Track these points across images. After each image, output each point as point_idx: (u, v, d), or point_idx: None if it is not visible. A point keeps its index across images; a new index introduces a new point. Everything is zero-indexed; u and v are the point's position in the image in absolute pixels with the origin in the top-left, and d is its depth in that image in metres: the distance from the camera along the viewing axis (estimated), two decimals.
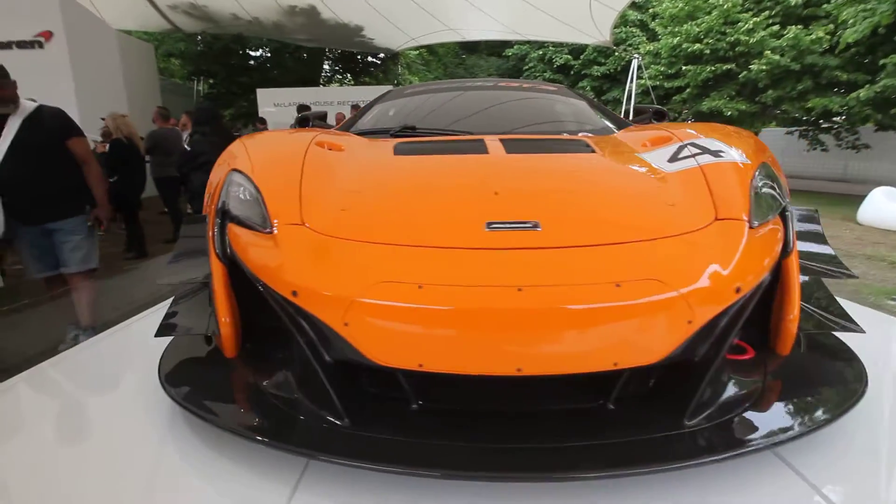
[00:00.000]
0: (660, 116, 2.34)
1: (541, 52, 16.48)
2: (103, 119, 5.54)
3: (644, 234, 0.94)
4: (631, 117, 2.55)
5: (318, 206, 1.07)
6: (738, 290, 0.86)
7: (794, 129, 11.86)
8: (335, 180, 1.20)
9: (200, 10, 11.07)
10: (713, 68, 10.97)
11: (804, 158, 12.04)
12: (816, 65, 9.65)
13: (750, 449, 0.80)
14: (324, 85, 16.77)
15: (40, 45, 8.39)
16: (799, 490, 0.80)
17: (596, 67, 15.23)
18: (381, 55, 15.54)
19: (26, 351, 2.16)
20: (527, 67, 17.23)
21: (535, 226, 0.93)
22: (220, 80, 13.76)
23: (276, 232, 1.00)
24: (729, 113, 10.96)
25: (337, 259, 0.93)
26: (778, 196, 1.15)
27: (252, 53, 15.22)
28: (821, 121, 10.95)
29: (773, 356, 1.05)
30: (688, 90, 11.88)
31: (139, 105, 9.60)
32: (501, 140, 1.48)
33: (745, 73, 10.58)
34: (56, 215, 2.32)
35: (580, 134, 1.77)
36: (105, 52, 9.51)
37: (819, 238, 1.29)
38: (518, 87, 2.43)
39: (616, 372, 0.85)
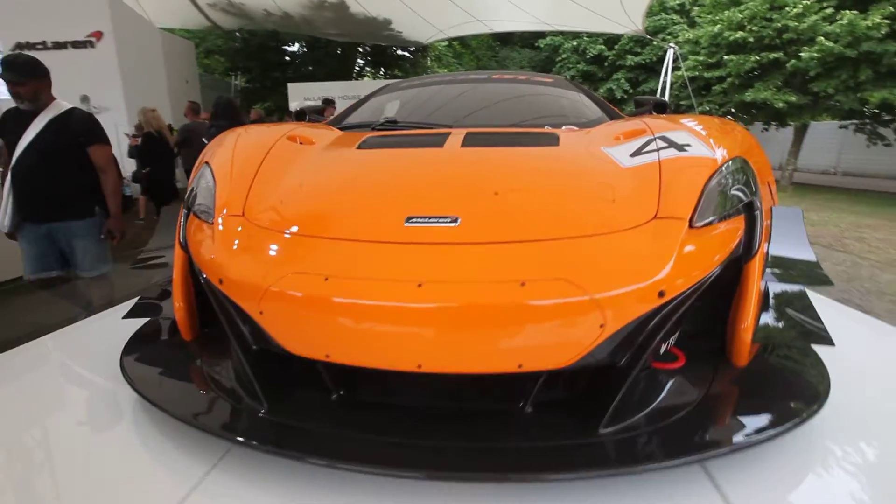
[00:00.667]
0: (661, 108, 2.24)
1: (575, 43, 16.05)
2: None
3: (568, 232, 0.90)
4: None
5: (263, 199, 1.10)
6: (661, 295, 0.80)
7: (849, 122, 11.00)
8: (289, 173, 1.23)
9: (237, 8, 11.48)
10: (758, 57, 10.32)
11: (866, 154, 11.12)
12: (875, 52, 8.88)
13: (667, 464, 0.76)
14: (356, 79, 17.02)
15: (92, 45, 8.92)
16: None
17: (631, 57, 14.68)
18: (411, 48, 15.59)
19: None
20: (560, 59, 16.84)
21: (454, 221, 0.92)
22: (256, 76, 14.23)
23: (215, 222, 1.04)
24: (778, 105, 10.29)
25: (259, 249, 0.96)
26: (744, 193, 1.07)
27: (289, 49, 15.64)
28: (883, 113, 10.08)
29: (726, 366, 0.99)
30: (728, 80, 11.25)
31: (180, 99, 10.07)
32: (467, 133, 1.46)
33: (793, 61, 9.89)
34: (64, 216, 2.30)
35: (563, 127, 1.72)
36: (149, 50, 10.02)
37: (798, 241, 1.20)
38: (512, 79, 2.39)
39: (534, 374, 0.83)
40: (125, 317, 1.27)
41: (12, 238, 2.36)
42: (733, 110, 11.89)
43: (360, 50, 16.93)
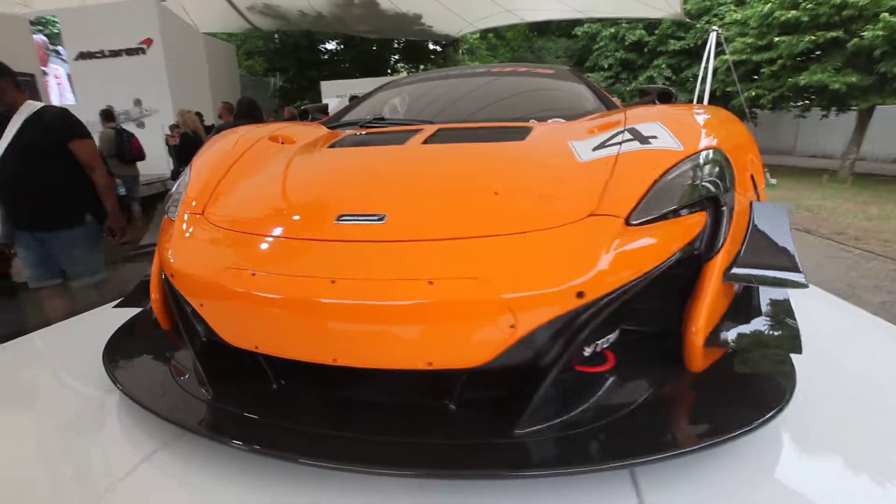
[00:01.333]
0: (665, 98, 2.13)
1: (613, 30, 15.41)
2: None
3: (491, 230, 0.88)
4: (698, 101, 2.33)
5: (224, 197, 1.15)
6: (580, 296, 0.77)
7: None
8: (256, 173, 1.27)
9: (273, 10, 11.89)
10: (813, 37, 9.52)
11: None
12: None
13: (580, 469, 0.73)
14: (389, 75, 17.22)
15: (143, 52, 9.55)
16: None
17: (673, 42, 13.93)
18: (442, 42, 15.55)
19: None
20: (597, 47, 16.24)
21: (381, 219, 0.92)
22: (293, 75, 14.70)
23: (176, 219, 1.10)
24: (836, 87, 9.46)
25: (205, 245, 1.00)
26: (713, 188, 1.01)
27: (328, 47, 16.01)
28: None
29: (679, 370, 0.94)
30: (779, 63, 10.45)
31: (220, 98, 10.57)
32: (439, 129, 1.45)
33: (855, 40, 9.05)
34: (48, 225, 2.19)
35: (550, 120, 1.68)
36: (193, 54, 10.58)
37: (778, 240, 1.11)
38: (511, 71, 2.34)
39: (457, 372, 0.83)
40: (115, 306, 1.36)
41: (8, 248, 2.32)
42: (787, 94, 11.04)
43: (396, 45, 17.11)
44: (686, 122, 1.30)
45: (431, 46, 16.54)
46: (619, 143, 1.12)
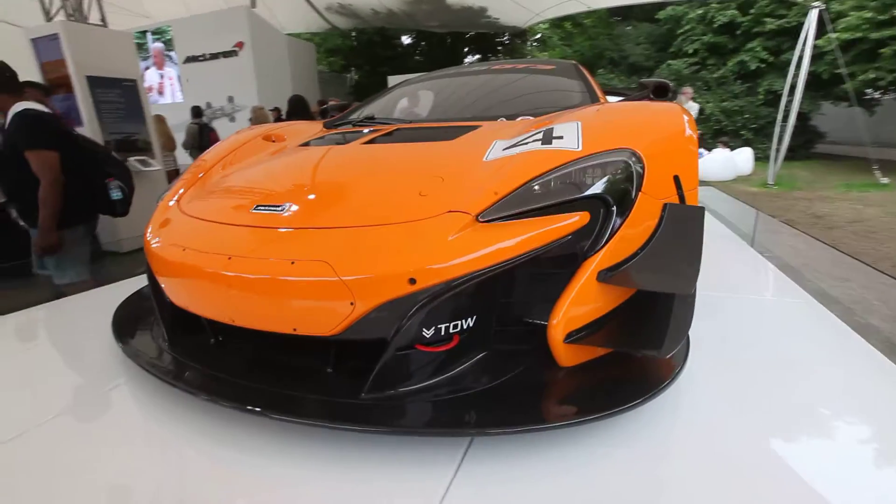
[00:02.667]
0: (661, 92, 2.05)
1: (701, 12, 14.10)
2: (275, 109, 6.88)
3: (359, 222, 0.99)
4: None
5: (199, 188, 1.40)
6: (413, 282, 0.87)
7: None
8: (232, 168, 1.51)
9: (347, 9, 12.59)
10: None
11: None
12: None
13: (410, 430, 0.86)
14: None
15: (236, 54, 10.62)
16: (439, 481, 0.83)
17: (771, 21, 12.39)
18: (509, 33, 15.34)
19: None
20: (682, 31, 14.96)
21: (282, 209, 1.07)
22: (366, 71, 15.45)
23: (159, 205, 1.37)
24: None
25: (167, 226, 1.23)
26: (594, 189, 1.01)
27: (405, 41, 16.54)
28: None
29: (545, 361, 0.99)
30: None
31: (301, 94, 11.39)
32: (396, 129, 1.59)
33: None
34: (32, 222, 2.18)
35: (519, 118, 1.72)
36: (277, 54, 11.54)
37: (687, 242, 1.10)
38: (511, 68, 2.38)
39: (330, 339, 0.97)
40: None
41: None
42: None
43: (466, 38, 17.20)
44: (609, 120, 1.31)
45: (498, 39, 16.38)
46: (527, 143, 1.18)
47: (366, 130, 1.73)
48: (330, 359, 1.01)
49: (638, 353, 0.99)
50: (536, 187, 1.01)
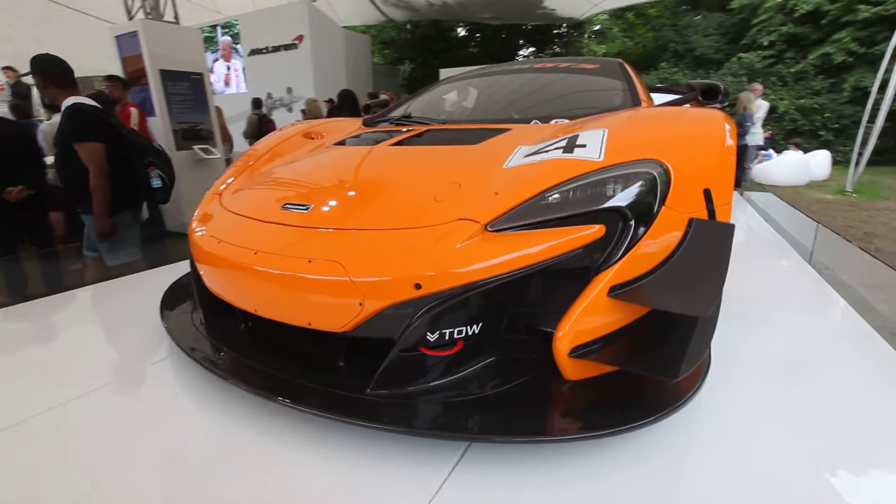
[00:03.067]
0: (710, 94, 1.93)
1: (780, 0, 12.95)
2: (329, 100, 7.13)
3: (375, 225, 1.02)
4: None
5: (239, 182, 1.50)
6: (418, 287, 0.89)
7: None
8: (272, 164, 1.60)
9: (403, 1, 12.71)
10: None
11: None
12: None
13: (409, 431, 0.88)
14: (515, 59, 17.09)
15: (295, 47, 11.07)
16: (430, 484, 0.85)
17: (865, 9, 11.15)
18: (565, 25, 14.85)
19: None
20: (757, 21, 13.83)
21: (307, 208, 1.13)
22: (419, 64, 15.58)
23: (204, 197, 1.48)
24: None
25: (207, 217, 1.34)
26: (612, 202, 0.98)
27: (460, 34, 16.48)
28: None
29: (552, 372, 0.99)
30: None
31: (354, 86, 11.68)
32: (428, 130, 1.62)
33: None
34: (85, 208, 2.35)
35: (553, 121, 1.69)
36: (334, 46, 11.88)
37: (713, 259, 1.04)
38: (553, 67, 2.33)
39: (337, 336, 1.00)
40: None
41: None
42: None
43: (522, 30, 16.87)
44: (639, 128, 1.26)
45: (555, 31, 15.91)
46: (548, 151, 1.16)
47: (400, 130, 1.77)
48: (342, 353, 1.06)
49: (647, 375, 0.96)
50: (550, 198, 1.00)
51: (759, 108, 7.32)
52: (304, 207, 1.16)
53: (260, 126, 6.96)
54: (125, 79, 4.59)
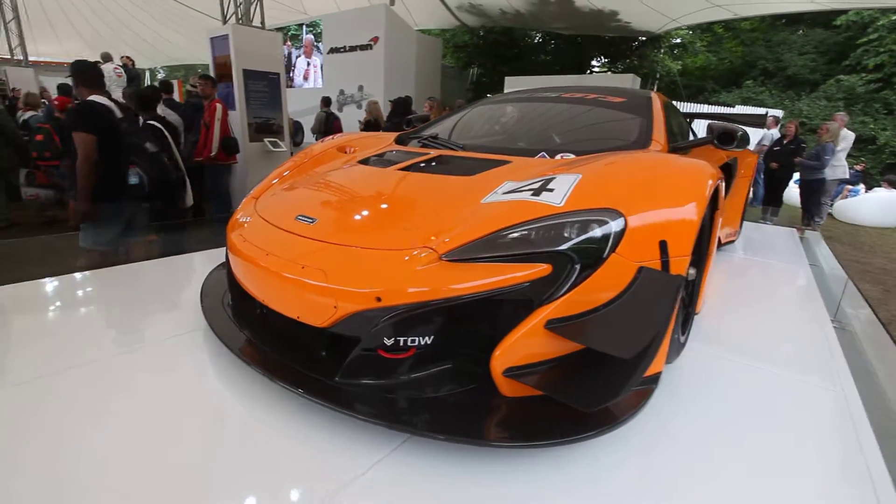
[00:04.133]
0: (725, 139, 1.94)
1: (894, 18, 11.62)
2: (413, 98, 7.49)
3: (359, 243, 1.22)
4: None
5: (273, 189, 1.78)
6: (379, 300, 1.07)
7: None
8: (303, 176, 1.87)
9: (477, 8, 12.95)
10: None
11: None
12: None
13: (363, 418, 1.06)
14: (590, 72, 16.75)
15: (371, 47, 11.65)
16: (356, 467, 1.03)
17: None
18: (641, 39, 14.31)
19: None
20: (864, 40, 12.50)
21: (313, 221, 1.35)
22: (487, 70, 15.75)
23: (245, 200, 1.77)
24: None
25: (242, 218, 1.60)
26: (559, 246, 1.11)
27: (535, 41, 16.43)
28: None
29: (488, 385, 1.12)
30: None
31: (424, 90, 11.99)
32: (440, 155, 1.81)
33: None
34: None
35: (559, 156, 1.80)
36: (406, 48, 12.32)
37: (646, 311, 1.14)
38: (581, 98, 2.40)
39: (322, 330, 1.20)
40: None
41: None
42: None
43: (599, 41, 16.50)
44: (613, 176, 1.35)
45: (632, 43, 15.39)
46: (521, 192, 1.30)
47: (417, 153, 1.96)
48: (325, 344, 1.27)
49: (565, 401, 1.07)
50: (507, 236, 1.14)
51: (844, 139, 6.72)
52: (311, 220, 1.39)
53: (327, 123, 7.51)
54: (213, 77, 5.19)
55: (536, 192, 1.26)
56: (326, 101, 8.04)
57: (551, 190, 1.25)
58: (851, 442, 1.23)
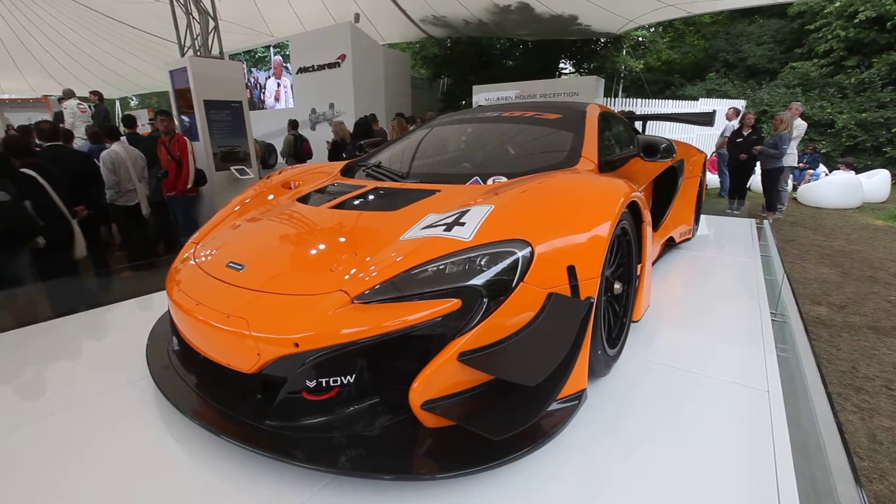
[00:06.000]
0: (650, 151, 2.03)
1: (839, 4, 12.09)
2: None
3: (276, 288, 1.26)
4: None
5: (212, 233, 1.81)
6: (297, 345, 1.10)
7: None
8: (238, 218, 1.90)
9: (441, 20, 13.13)
10: None
11: None
12: None
13: (289, 461, 1.08)
14: (559, 75, 17.02)
15: (338, 65, 11.70)
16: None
17: None
18: (602, 41, 14.68)
19: None
20: (813, 26, 12.97)
21: (241, 268, 1.39)
22: (456, 80, 15.96)
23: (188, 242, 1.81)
24: None
25: (179, 263, 1.63)
26: (467, 281, 1.16)
27: (499, 49, 16.68)
28: None
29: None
30: None
31: (393, 102, 12.03)
32: (376, 187, 1.87)
33: None
34: None
35: (491, 180, 1.85)
36: (374, 64, 12.40)
37: (557, 336, 1.19)
38: (518, 116, 2.47)
39: (256, 376, 1.25)
40: None
41: None
42: None
43: (562, 45, 16.84)
44: (522, 205, 1.41)
45: (592, 46, 15.77)
46: (436, 226, 1.35)
47: (356, 186, 2.00)
48: (258, 388, 1.30)
49: (476, 431, 1.10)
50: (418, 275, 1.19)
51: (797, 127, 6.97)
52: (240, 267, 1.42)
53: (296, 146, 7.53)
54: (168, 111, 5.21)
55: (449, 228, 1.31)
56: (294, 125, 8.07)
57: (462, 224, 1.31)
58: (766, 451, 1.26)
